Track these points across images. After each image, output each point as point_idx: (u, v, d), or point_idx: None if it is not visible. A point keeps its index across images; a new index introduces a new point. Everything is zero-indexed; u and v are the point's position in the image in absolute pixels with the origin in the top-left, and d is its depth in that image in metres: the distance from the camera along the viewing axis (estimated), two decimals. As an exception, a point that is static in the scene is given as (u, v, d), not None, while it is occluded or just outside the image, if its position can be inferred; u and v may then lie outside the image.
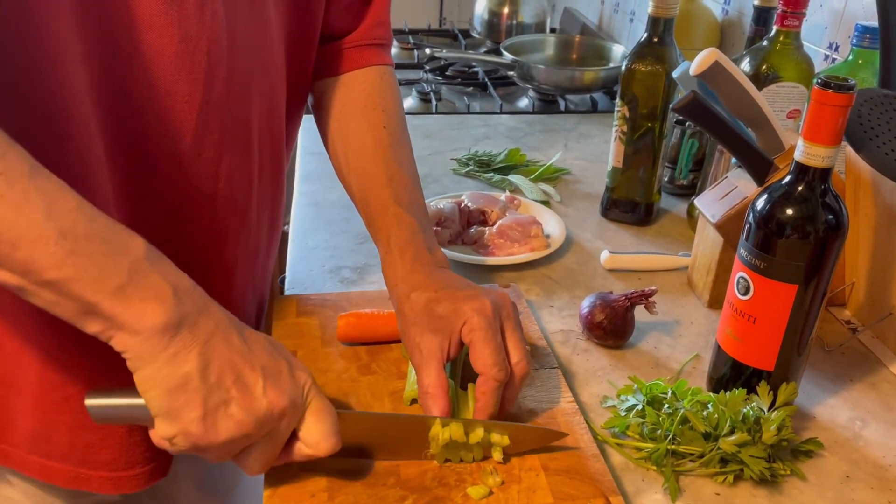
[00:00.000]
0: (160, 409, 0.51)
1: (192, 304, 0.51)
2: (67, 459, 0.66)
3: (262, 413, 0.53)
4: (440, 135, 1.40)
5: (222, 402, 0.51)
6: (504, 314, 0.65)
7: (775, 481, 0.65)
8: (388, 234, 0.71)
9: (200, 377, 0.50)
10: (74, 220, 0.47)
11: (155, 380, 0.50)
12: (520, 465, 0.63)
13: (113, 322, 0.48)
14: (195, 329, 0.51)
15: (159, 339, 0.49)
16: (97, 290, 0.47)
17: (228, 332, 0.53)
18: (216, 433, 0.51)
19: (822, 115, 0.60)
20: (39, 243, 0.45)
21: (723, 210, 0.84)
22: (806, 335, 0.68)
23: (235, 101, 0.64)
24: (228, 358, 0.52)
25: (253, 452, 0.55)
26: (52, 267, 0.46)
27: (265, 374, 0.53)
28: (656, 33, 1.00)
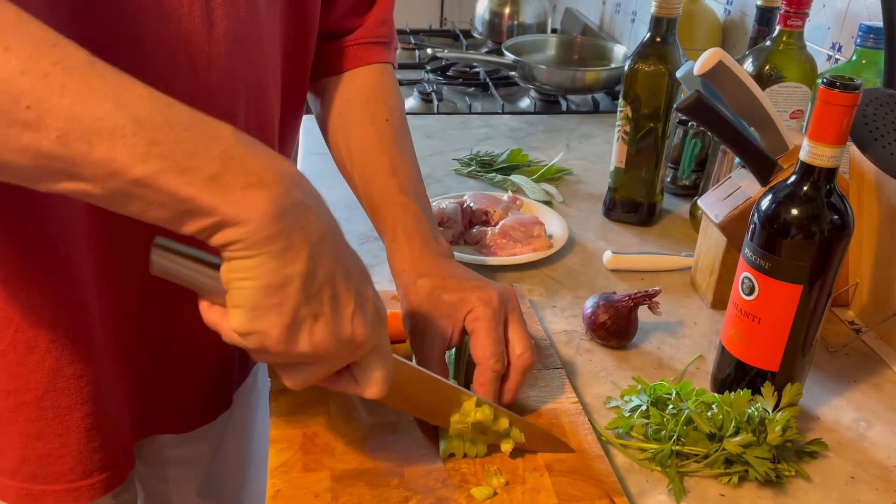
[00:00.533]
0: (248, 302, 0.45)
1: (300, 192, 0.45)
2: (18, 475, 0.63)
3: (343, 339, 0.48)
4: (442, 135, 1.40)
5: (312, 315, 0.47)
6: (510, 307, 0.65)
7: (780, 482, 0.65)
8: (394, 223, 0.71)
9: (303, 283, 0.45)
10: (149, 106, 0.41)
11: (257, 270, 0.44)
12: (524, 466, 0.63)
13: (214, 215, 0.42)
14: (306, 223, 0.45)
15: (270, 228, 0.43)
16: (190, 181, 0.41)
17: (336, 238, 0.48)
18: (294, 344, 0.47)
19: (827, 114, 0.60)
20: (116, 135, 0.39)
21: (726, 210, 0.84)
22: (810, 336, 0.68)
23: (218, 93, 0.62)
24: (332, 270, 0.47)
25: (305, 369, 0.50)
26: (134, 162, 0.40)
27: (357, 298, 0.49)
28: (659, 33, 1.00)
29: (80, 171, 0.40)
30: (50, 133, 0.39)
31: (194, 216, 0.42)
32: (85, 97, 0.39)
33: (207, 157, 0.42)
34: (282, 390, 0.69)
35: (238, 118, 0.66)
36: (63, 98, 0.39)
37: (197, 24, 0.59)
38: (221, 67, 0.62)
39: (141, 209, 0.42)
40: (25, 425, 0.62)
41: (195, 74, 0.60)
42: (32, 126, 0.39)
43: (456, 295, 0.64)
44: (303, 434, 0.65)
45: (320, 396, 0.69)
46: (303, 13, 0.73)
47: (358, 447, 0.64)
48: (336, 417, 0.67)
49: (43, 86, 0.38)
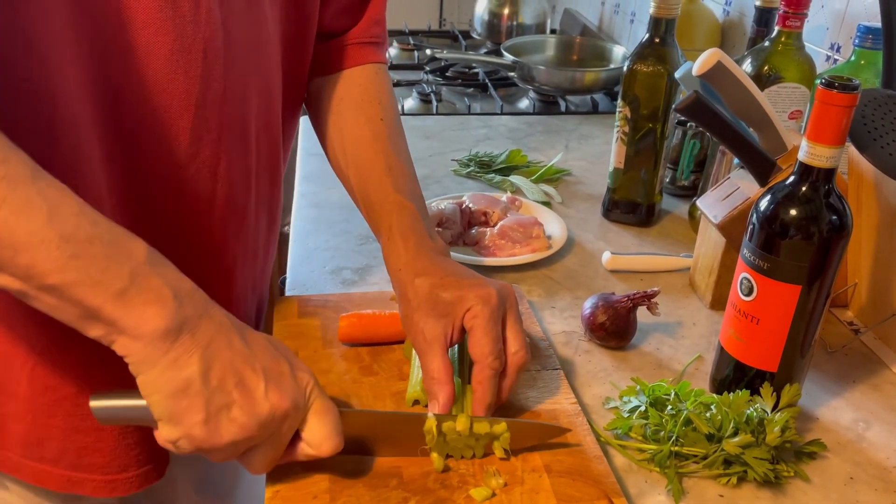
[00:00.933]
0: (163, 413, 0.51)
1: (193, 308, 0.51)
2: (60, 463, 0.66)
3: (264, 415, 0.52)
4: (441, 136, 1.40)
5: (224, 405, 0.51)
6: (508, 305, 0.65)
7: (779, 483, 0.65)
8: (389, 222, 0.71)
9: (202, 381, 0.50)
10: (76, 224, 0.47)
11: (157, 384, 0.50)
12: (522, 467, 0.63)
13: (114, 326, 0.48)
14: (196, 333, 0.51)
15: (161, 344, 0.49)
16: (98, 294, 0.47)
17: (230, 334, 0.53)
18: (219, 436, 0.51)
19: (826, 115, 0.60)
20: (41, 247, 0.45)
21: (725, 211, 0.84)
22: (809, 336, 0.68)
23: (232, 101, 0.64)
24: (230, 361, 0.52)
25: (256, 453, 0.55)
26: (53, 271, 0.46)
27: (267, 376, 0.53)
28: (658, 34, 1.00)
29: (3, 269, 0.46)
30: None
31: (97, 323, 0.49)
32: (21, 210, 0.45)
33: (118, 273, 0.48)
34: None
35: (250, 121, 0.67)
36: (1, 210, 0.44)
37: (214, 32, 0.60)
38: (237, 72, 0.63)
39: (52, 306, 0.48)
40: (64, 419, 0.65)
41: (212, 80, 0.61)
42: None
43: (454, 293, 0.64)
44: (301, 435, 0.65)
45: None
46: (302, 15, 0.73)
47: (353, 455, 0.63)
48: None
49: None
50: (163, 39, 0.57)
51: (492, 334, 0.63)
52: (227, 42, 0.61)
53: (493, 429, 0.62)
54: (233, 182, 0.67)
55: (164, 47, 0.57)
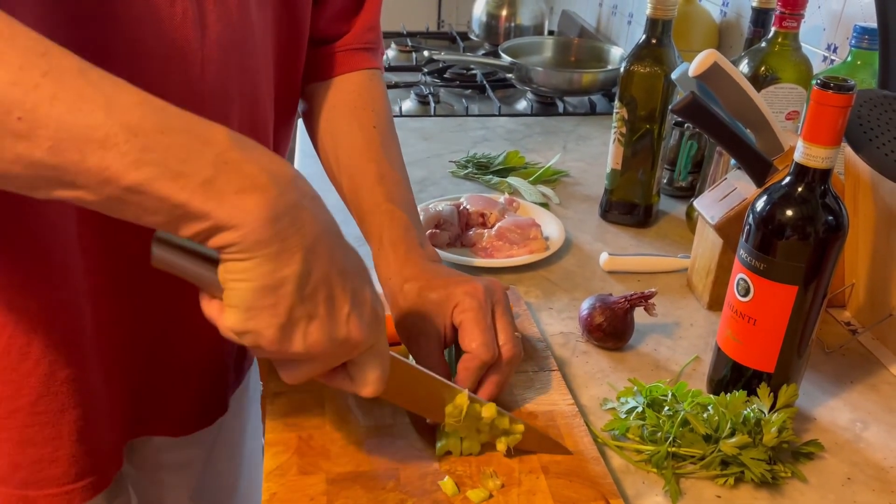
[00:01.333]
0: (243, 302, 0.45)
1: (295, 194, 0.45)
2: (9, 482, 0.64)
3: (338, 340, 0.49)
4: (439, 137, 1.40)
5: (307, 315, 0.47)
6: (495, 298, 0.65)
7: (776, 483, 0.65)
8: (380, 231, 0.71)
9: (297, 284, 0.46)
10: (142, 113, 0.41)
11: (251, 273, 0.44)
12: (520, 468, 0.63)
13: (209, 220, 0.43)
14: (301, 225, 0.45)
15: (264, 232, 0.43)
16: (183, 187, 0.41)
17: (333, 239, 0.48)
18: (288, 343, 0.47)
19: (821, 115, 0.60)
20: (108, 143, 0.40)
21: (722, 212, 0.84)
22: (806, 337, 0.68)
23: (211, 98, 0.63)
24: (327, 272, 0.47)
25: (301, 366, 0.51)
26: (127, 169, 0.40)
27: (354, 299, 0.49)
28: (655, 35, 1.00)
29: (74, 180, 0.40)
30: (42, 143, 0.39)
31: (189, 221, 0.43)
32: (75, 106, 0.39)
33: (200, 162, 0.42)
34: (277, 393, 0.69)
35: (232, 123, 0.66)
36: (53, 108, 0.39)
37: (190, 30, 0.59)
38: (214, 72, 0.62)
39: (136, 214, 0.43)
40: (18, 431, 0.62)
41: (188, 80, 0.61)
42: (24, 136, 0.39)
43: (441, 292, 0.65)
44: (298, 437, 0.65)
45: (316, 399, 0.69)
46: (294, 19, 0.73)
47: (353, 450, 0.64)
48: (331, 420, 0.67)
49: (33, 97, 0.39)
50: (137, 35, 0.56)
51: (481, 326, 0.63)
52: (204, 41, 0.61)
53: (507, 422, 0.63)
54: None
55: (138, 43, 0.56)
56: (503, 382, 0.66)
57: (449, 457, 0.64)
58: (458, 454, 0.64)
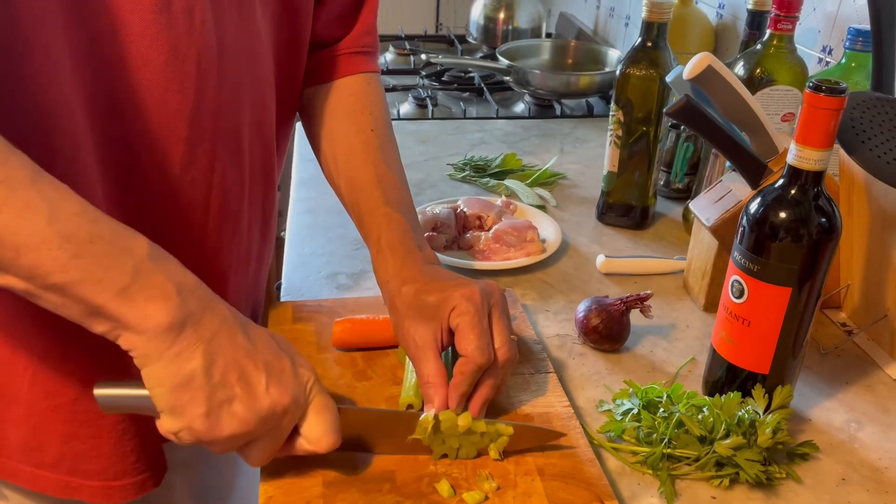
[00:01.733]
0: (166, 406, 0.51)
1: (196, 302, 0.51)
2: (58, 468, 0.66)
3: (264, 411, 0.53)
4: (436, 140, 1.40)
5: (226, 399, 0.52)
6: (492, 301, 0.66)
7: (771, 484, 0.65)
8: (378, 233, 0.72)
9: (205, 375, 0.51)
10: (77, 224, 0.47)
11: (161, 377, 0.50)
12: (515, 471, 0.63)
13: (118, 322, 0.49)
14: (199, 327, 0.51)
15: (164, 338, 0.50)
16: (101, 291, 0.48)
17: (233, 329, 0.53)
18: (220, 429, 0.52)
19: (813, 118, 0.60)
20: (42, 248, 0.46)
21: (717, 213, 0.84)
22: (800, 338, 0.68)
23: (226, 110, 0.64)
24: (233, 356, 0.53)
25: (255, 447, 0.56)
26: (56, 271, 0.47)
27: (268, 371, 0.54)
28: (650, 38, 1.00)
29: (7, 269, 0.47)
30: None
31: (101, 319, 0.49)
32: (21, 213, 0.45)
33: (120, 270, 0.49)
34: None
35: (243, 130, 0.68)
36: (1, 213, 0.45)
37: (209, 41, 0.60)
38: (231, 83, 0.64)
39: (57, 305, 0.49)
40: (63, 425, 0.65)
41: (206, 90, 0.62)
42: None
43: (438, 295, 0.65)
44: (295, 440, 0.65)
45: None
46: (295, 24, 0.73)
47: (348, 455, 0.64)
48: (328, 423, 0.67)
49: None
50: (157, 51, 0.57)
51: (478, 330, 0.63)
52: (221, 53, 0.62)
53: (494, 429, 0.63)
54: (227, 190, 0.67)
55: (158, 58, 0.58)
56: (499, 385, 0.66)
57: (445, 459, 0.64)
58: (453, 457, 0.64)
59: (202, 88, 0.61)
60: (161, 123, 0.60)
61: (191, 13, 0.58)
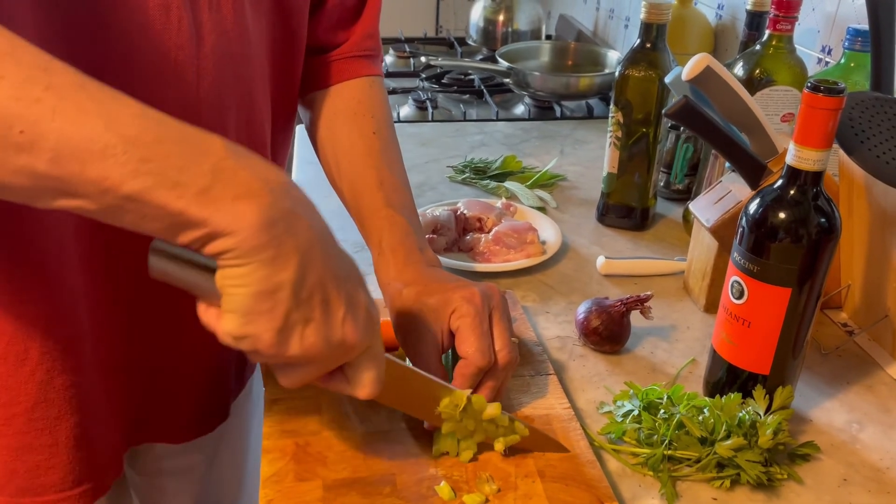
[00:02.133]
0: (240, 307, 0.46)
1: (289, 200, 0.46)
2: (5, 489, 0.64)
3: (334, 342, 0.50)
4: (436, 142, 1.40)
5: (303, 319, 0.48)
6: (493, 303, 0.65)
7: (772, 485, 0.65)
8: (379, 236, 0.72)
9: (293, 289, 0.47)
10: (140, 125, 0.43)
11: (248, 278, 0.45)
12: (516, 473, 0.63)
13: (205, 227, 0.44)
14: (296, 231, 0.46)
15: (260, 237, 0.44)
16: (180, 195, 0.43)
17: (327, 244, 0.49)
18: (286, 347, 0.48)
19: (812, 118, 0.60)
20: (107, 154, 0.41)
21: (717, 214, 0.84)
22: (801, 338, 0.68)
23: (207, 107, 0.63)
24: (322, 276, 0.48)
25: (301, 370, 0.52)
26: (126, 179, 0.42)
27: (349, 303, 0.50)
28: (649, 39, 1.00)
29: (75, 189, 0.42)
30: (43, 155, 0.41)
31: (186, 228, 0.44)
32: (76, 119, 0.41)
33: (197, 170, 0.43)
34: (274, 400, 0.70)
35: (229, 131, 0.67)
36: (54, 121, 0.40)
37: (185, 40, 0.60)
38: (210, 82, 0.63)
39: (135, 222, 0.44)
40: (15, 438, 0.63)
41: (184, 89, 0.61)
42: (26, 149, 0.40)
43: (439, 297, 0.65)
44: (295, 443, 0.65)
45: (313, 406, 0.69)
46: (289, 26, 0.73)
47: (350, 456, 0.64)
48: (328, 426, 0.67)
49: (35, 110, 0.40)
50: (133, 45, 0.57)
51: (478, 332, 0.63)
52: (199, 50, 0.61)
53: (513, 426, 0.64)
54: None
55: (133, 53, 0.57)
56: (499, 388, 0.66)
57: (445, 462, 0.64)
58: (454, 455, 0.64)
59: (179, 87, 0.60)
60: None
61: (167, 10, 0.58)
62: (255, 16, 0.67)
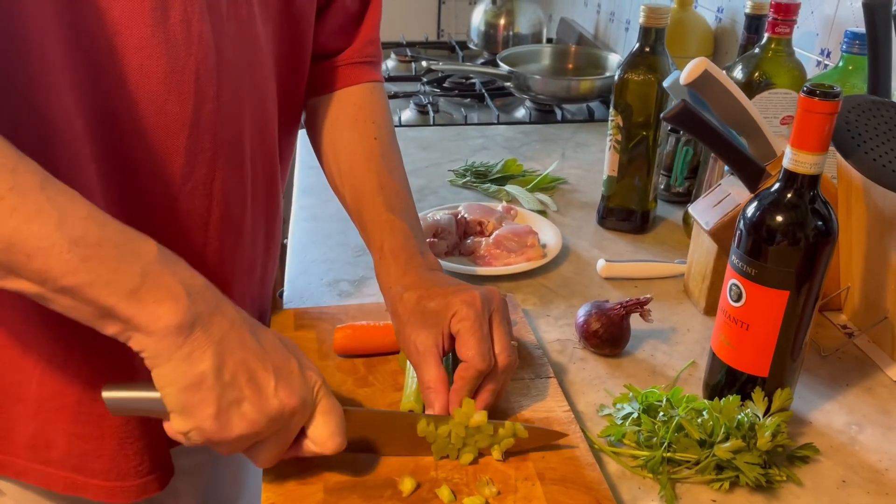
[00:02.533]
0: (176, 406, 0.52)
1: (205, 304, 0.52)
2: (65, 466, 0.68)
3: (273, 412, 0.54)
4: (438, 146, 1.41)
5: (235, 400, 0.53)
6: (493, 307, 0.66)
7: (771, 487, 0.65)
8: (381, 240, 0.73)
9: (215, 376, 0.52)
10: (86, 227, 0.48)
11: (171, 377, 0.51)
12: (516, 475, 0.63)
13: (129, 324, 0.50)
14: (209, 328, 0.52)
15: (175, 339, 0.50)
16: (111, 293, 0.49)
17: (242, 331, 0.54)
18: (229, 429, 0.53)
19: (808, 122, 0.61)
20: (53, 252, 0.47)
21: (716, 217, 0.85)
22: (799, 341, 0.69)
23: (226, 119, 0.65)
24: (242, 357, 0.53)
25: (263, 448, 0.56)
26: (66, 274, 0.47)
27: (277, 373, 0.54)
28: (648, 43, 1.01)
29: (19, 273, 0.48)
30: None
31: (112, 321, 0.50)
32: (31, 218, 0.47)
33: (129, 272, 0.49)
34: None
35: (244, 139, 0.68)
36: (12, 219, 0.46)
37: (205, 53, 0.61)
38: (230, 92, 0.65)
39: (68, 308, 0.50)
40: (68, 424, 0.66)
41: (205, 101, 0.62)
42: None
43: (440, 301, 0.66)
44: (297, 447, 0.65)
45: (315, 409, 0.69)
46: (295, 33, 0.74)
47: (351, 459, 0.64)
48: (330, 430, 0.67)
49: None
50: (156, 62, 0.58)
51: (478, 335, 0.64)
52: (220, 63, 0.63)
53: (509, 428, 0.64)
54: (228, 199, 0.68)
55: (157, 70, 0.59)
56: (499, 391, 0.67)
57: (446, 465, 0.64)
58: (454, 458, 0.64)
59: (201, 99, 0.62)
60: (160, 133, 0.61)
61: (188, 25, 0.59)
62: (264, 23, 0.69)
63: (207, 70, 0.61)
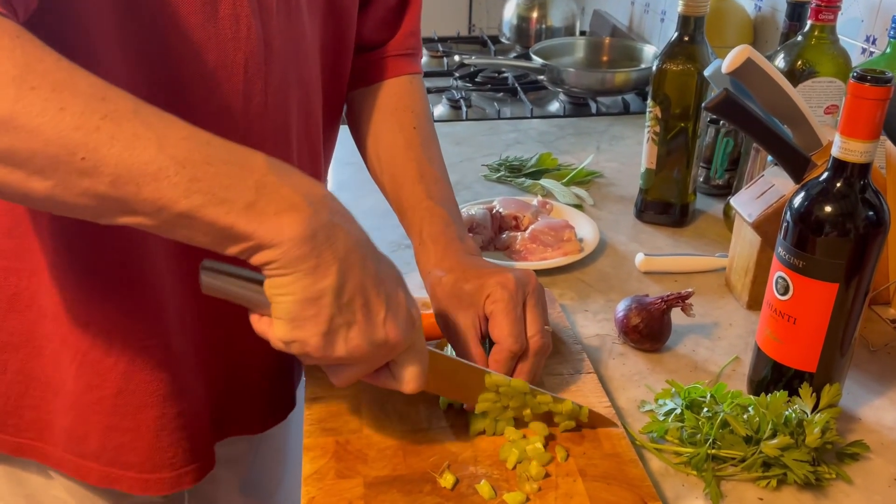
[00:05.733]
0: (287, 314, 0.50)
1: (328, 212, 0.50)
2: (100, 458, 0.69)
3: (377, 342, 0.53)
4: (471, 141, 1.40)
5: (346, 323, 0.51)
6: (528, 289, 0.66)
7: (820, 485, 0.64)
8: (420, 226, 0.74)
9: (334, 295, 0.50)
10: (189, 147, 0.46)
11: (291, 288, 0.49)
12: (556, 472, 0.62)
13: (251, 240, 0.47)
14: (335, 242, 0.49)
15: (301, 248, 0.48)
16: (228, 211, 0.46)
17: (365, 251, 0.52)
18: (331, 350, 0.52)
19: (858, 109, 0.59)
20: (160, 176, 0.45)
21: (760, 209, 0.83)
22: (849, 335, 0.67)
23: (274, 111, 0.66)
24: (361, 280, 0.51)
25: (349, 369, 0.56)
26: (178, 198, 0.45)
27: (388, 303, 0.53)
28: (687, 32, 0.99)
29: (133, 208, 0.46)
30: (104, 178, 0.44)
31: (234, 241, 0.48)
32: (131, 145, 0.44)
33: (243, 187, 0.47)
34: (314, 398, 0.70)
35: (291, 131, 0.70)
36: (112, 147, 0.44)
37: (254, 49, 0.62)
38: (277, 85, 0.66)
39: (188, 236, 0.48)
40: (104, 417, 0.67)
41: (253, 94, 0.63)
42: (89, 173, 0.44)
43: (475, 283, 0.66)
44: (336, 441, 0.65)
45: (353, 404, 0.69)
46: (341, 26, 0.76)
47: (390, 454, 0.64)
48: (368, 424, 0.67)
49: (94, 138, 0.43)
50: (205, 57, 0.59)
51: (511, 317, 0.64)
52: (268, 58, 0.64)
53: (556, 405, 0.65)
54: None
55: (206, 65, 0.59)
56: (533, 373, 0.67)
57: (486, 460, 0.64)
58: (490, 434, 0.65)
59: (249, 92, 0.63)
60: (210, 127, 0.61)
61: (237, 21, 0.60)
62: (311, 17, 0.70)
63: (256, 64, 0.62)
